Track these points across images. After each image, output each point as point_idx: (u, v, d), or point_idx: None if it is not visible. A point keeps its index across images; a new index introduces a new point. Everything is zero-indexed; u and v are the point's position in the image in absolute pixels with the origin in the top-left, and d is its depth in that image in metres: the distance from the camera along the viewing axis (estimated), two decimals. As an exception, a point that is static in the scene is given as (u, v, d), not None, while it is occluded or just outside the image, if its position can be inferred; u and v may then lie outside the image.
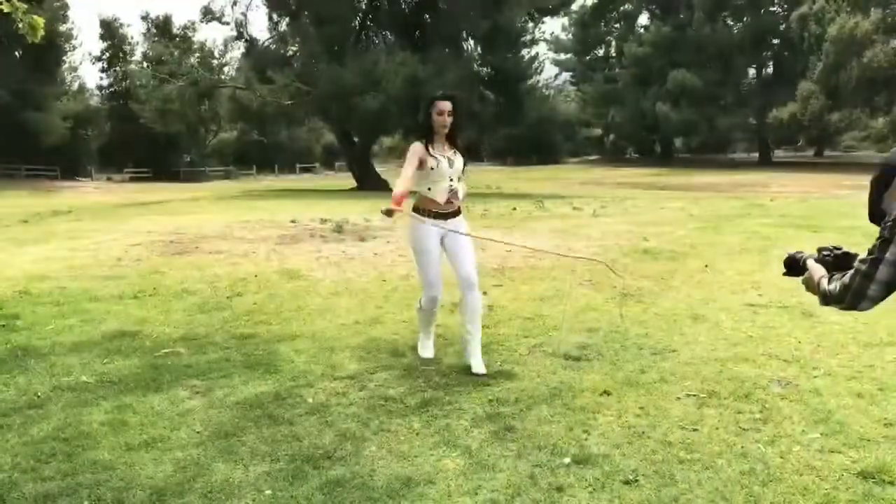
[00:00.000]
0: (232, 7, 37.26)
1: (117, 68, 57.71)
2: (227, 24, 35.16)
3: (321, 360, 5.01)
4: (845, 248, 2.32)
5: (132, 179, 55.05)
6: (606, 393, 4.24)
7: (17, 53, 45.28)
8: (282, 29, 35.80)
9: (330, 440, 3.67)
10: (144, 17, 55.52)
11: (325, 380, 4.59)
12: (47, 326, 6.12)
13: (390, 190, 5.20)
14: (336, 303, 6.85)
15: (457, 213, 4.82)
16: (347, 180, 37.01)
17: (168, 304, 7.00)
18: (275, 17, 36.12)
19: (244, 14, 38.21)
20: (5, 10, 6.85)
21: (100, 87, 61.85)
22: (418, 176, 4.69)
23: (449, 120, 4.69)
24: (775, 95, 53.49)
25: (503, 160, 73.07)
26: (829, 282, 2.22)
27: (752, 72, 62.86)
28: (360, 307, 6.63)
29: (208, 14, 34.79)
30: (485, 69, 33.34)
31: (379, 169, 39.37)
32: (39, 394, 4.46)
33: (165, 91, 33.39)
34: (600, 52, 71.29)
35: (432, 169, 4.65)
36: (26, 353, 5.31)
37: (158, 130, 41.96)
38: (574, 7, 53.91)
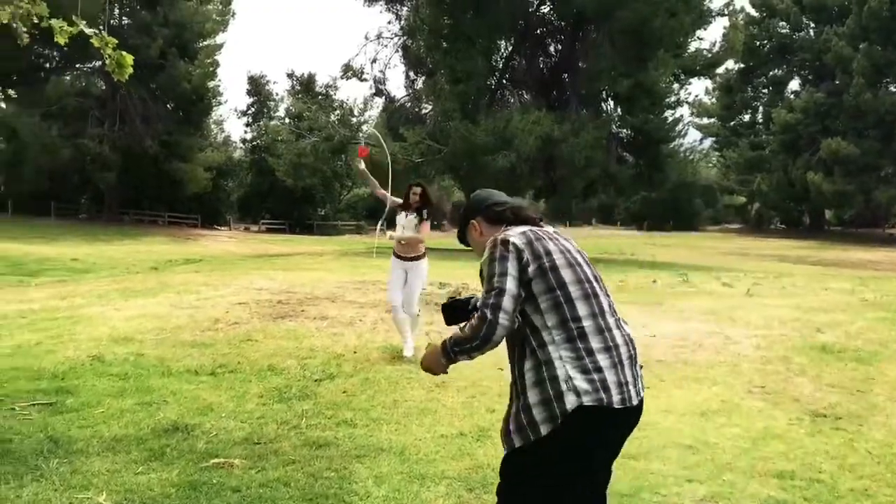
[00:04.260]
0: (371, 65, 37.60)
1: (261, 122, 59.84)
2: (366, 80, 35.41)
3: (405, 497, 3.71)
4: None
5: (268, 230, 56.49)
6: None
7: (168, 106, 47.54)
8: (417, 87, 35.73)
9: None
10: (290, 75, 57.38)
11: (406, 535, 3.29)
12: (97, 409, 5.15)
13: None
14: (439, 399, 5.56)
15: (417, 258, 7.09)
16: (475, 240, 36.13)
17: (246, 385, 5.93)
18: (411, 75, 36.17)
19: (382, 72, 38.50)
20: (95, 45, 6.15)
21: (243, 140, 64.37)
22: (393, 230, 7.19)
23: (417, 198, 7.06)
24: (944, 167, 48.93)
25: (638, 225, 70.61)
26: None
27: (917, 142, 57.94)
28: (466, 409, 5.31)
29: (349, 70, 35.13)
30: (624, 130, 31.84)
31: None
32: (36, 520, 3.39)
33: (300, 146, 33.74)
34: (746, 118, 68.07)
35: (401, 226, 7.08)
36: (54, 450, 4.31)
37: (293, 184, 42.66)
38: (719, 70, 51.61)
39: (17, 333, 8.07)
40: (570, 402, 2.22)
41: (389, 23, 47.56)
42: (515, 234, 2.43)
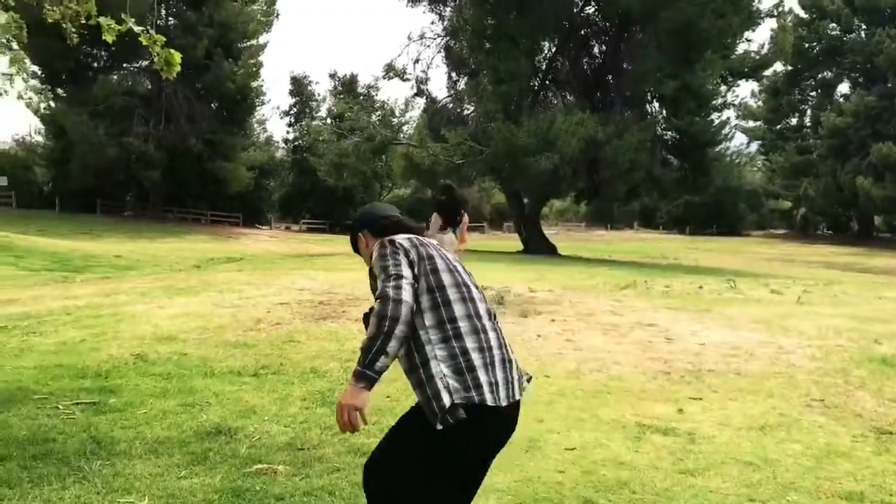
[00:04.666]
0: (414, 65, 37.46)
1: (303, 123, 60.31)
2: (408, 80, 35.36)
3: (454, 510, 3.57)
4: None
5: (309, 230, 56.89)
6: None
7: (212, 105, 48.07)
8: (460, 88, 35.59)
9: None
10: (332, 75, 57.61)
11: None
12: (140, 410, 5.11)
13: (558, 255, 4.87)
14: (486, 407, 5.42)
15: None
16: (514, 242, 35.90)
17: (289, 388, 5.86)
18: (454, 75, 36.03)
19: (425, 72, 38.46)
20: (144, 43, 6.14)
21: (285, 140, 64.97)
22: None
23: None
24: None
25: (680, 229, 69.68)
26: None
27: (972, 146, 56.29)
28: (515, 418, 5.16)
29: (391, 70, 35.11)
30: (669, 132, 31.33)
31: (548, 232, 38.00)
32: (78, 524, 3.33)
33: (342, 146, 33.86)
34: (793, 121, 66.74)
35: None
36: (97, 451, 4.27)
37: (334, 183, 42.90)
38: (766, 73, 50.58)
39: (62, 330, 8.11)
40: (446, 399, 2.32)
41: (432, 23, 47.60)
42: (401, 238, 2.61)
